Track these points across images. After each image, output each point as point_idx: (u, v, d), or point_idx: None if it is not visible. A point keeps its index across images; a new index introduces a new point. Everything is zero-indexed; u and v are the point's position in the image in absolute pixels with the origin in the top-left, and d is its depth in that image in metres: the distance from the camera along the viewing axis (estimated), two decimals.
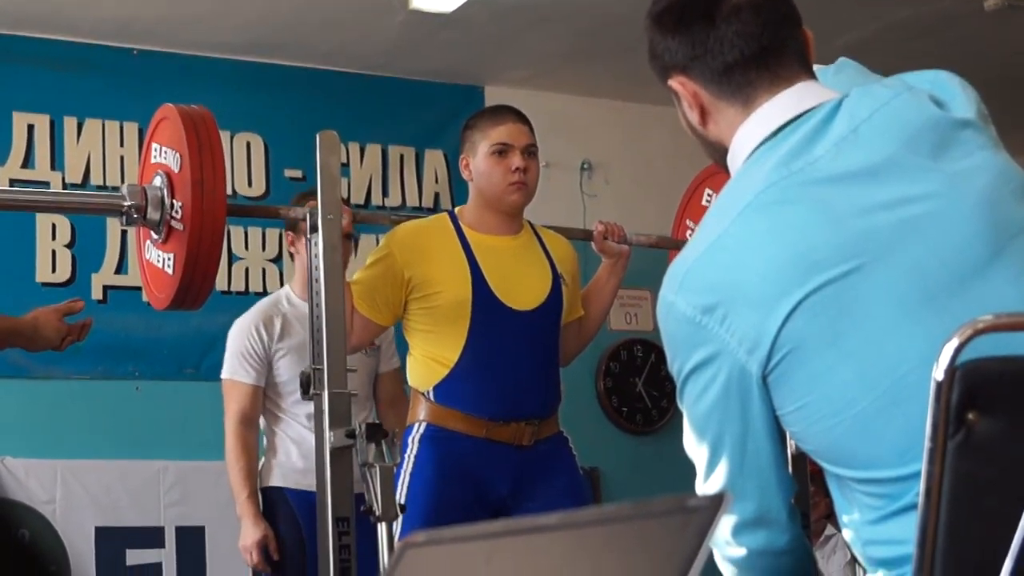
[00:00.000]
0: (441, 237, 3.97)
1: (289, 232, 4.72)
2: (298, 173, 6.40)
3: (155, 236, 3.65)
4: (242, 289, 6.31)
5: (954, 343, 1.59)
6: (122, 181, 6.08)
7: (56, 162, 6.03)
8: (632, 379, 7.26)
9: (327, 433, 3.37)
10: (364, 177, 6.67)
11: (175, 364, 6.20)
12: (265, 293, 6.31)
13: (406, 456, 3.80)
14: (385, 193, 6.66)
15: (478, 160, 3.99)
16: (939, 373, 1.60)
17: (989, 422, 1.62)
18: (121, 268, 6.09)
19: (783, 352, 1.91)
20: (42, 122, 6.07)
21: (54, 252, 5.98)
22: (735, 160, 2.12)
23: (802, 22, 2.18)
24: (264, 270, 6.38)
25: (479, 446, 3.83)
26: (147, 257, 3.76)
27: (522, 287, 3.96)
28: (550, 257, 4.07)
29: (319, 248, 3.52)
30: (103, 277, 6.06)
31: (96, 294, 6.03)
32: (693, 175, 4.83)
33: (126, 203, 3.59)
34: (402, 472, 3.77)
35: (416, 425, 3.87)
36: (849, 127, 2.02)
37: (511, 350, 3.87)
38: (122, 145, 6.18)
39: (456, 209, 4.10)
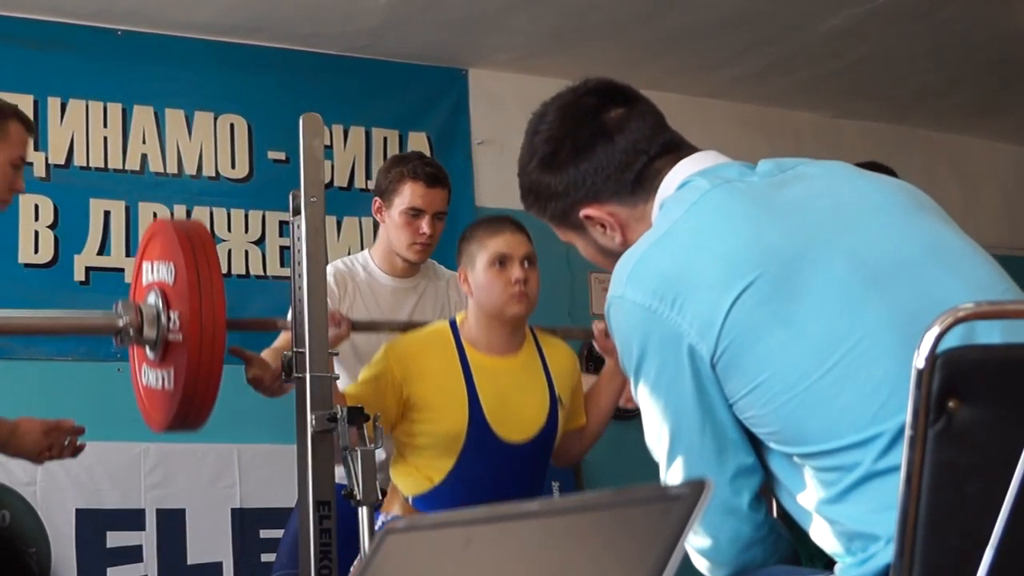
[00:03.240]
0: (441, 355, 3.90)
1: (377, 198, 4.56)
2: (281, 155, 6.38)
3: (151, 356, 3.55)
4: (224, 272, 6.28)
5: (935, 331, 1.60)
6: (105, 163, 6.07)
7: (39, 142, 6.00)
8: None
9: (308, 416, 3.37)
10: (347, 159, 6.66)
11: None
12: (247, 275, 6.31)
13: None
14: (368, 176, 6.64)
15: (477, 272, 3.90)
16: (920, 361, 1.60)
17: (970, 410, 1.62)
18: (104, 250, 6.07)
19: (732, 336, 1.93)
20: (25, 102, 6.03)
21: (37, 233, 5.96)
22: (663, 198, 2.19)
23: None
24: (247, 252, 6.36)
25: None
26: (144, 383, 3.66)
27: (518, 416, 3.90)
28: (549, 375, 4.01)
29: (302, 231, 3.51)
30: (85, 259, 6.04)
31: (78, 275, 6.02)
32: None
33: (121, 321, 3.51)
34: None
35: (386, 515, 3.86)
36: (778, 169, 2.11)
37: (499, 477, 3.82)
38: (106, 126, 6.15)
39: (458, 318, 4.02)
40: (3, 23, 6.01)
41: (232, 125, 6.43)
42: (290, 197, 3.60)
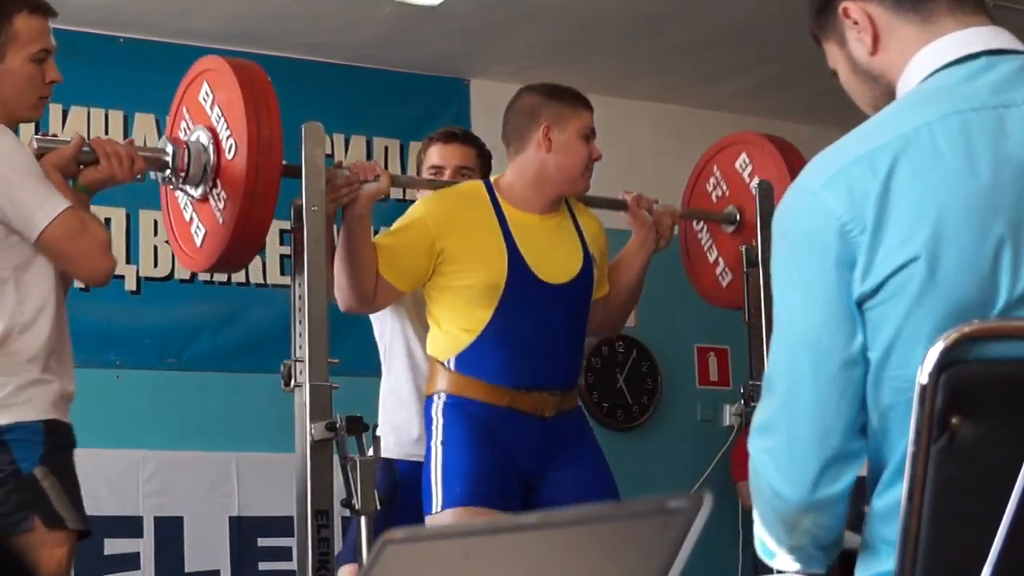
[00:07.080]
0: (477, 212, 3.86)
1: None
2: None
3: (195, 193, 3.58)
4: (224, 279, 6.30)
5: (939, 347, 1.59)
6: None
7: None
8: (614, 375, 7.26)
9: (308, 426, 3.36)
10: None
11: (156, 353, 6.18)
12: (248, 283, 6.30)
13: (432, 429, 3.69)
14: None
15: (567, 136, 3.88)
16: (923, 377, 1.59)
17: (972, 426, 1.61)
18: None
19: (886, 295, 1.79)
20: None
21: None
22: (909, 81, 2.02)
23: None
24: None
25: (502, 415, 3.72)
26: (183, 217, 3.69)
27: (556, 263, 3.87)
28: (582, 236, 3.98)
29: (303, 239, 3.51)
30: None
31: (78, 283, 6.00)
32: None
33: (167, 157, 3.58)
34: (432, 444, 3.69)
35: (436, 396, 3.76)
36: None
37: (540, 320, 3.79)
38: (107, 133, 6.15)
39: (493, 179, 3.98)
40: None
41: None
42: (291, 206, 3.60)
